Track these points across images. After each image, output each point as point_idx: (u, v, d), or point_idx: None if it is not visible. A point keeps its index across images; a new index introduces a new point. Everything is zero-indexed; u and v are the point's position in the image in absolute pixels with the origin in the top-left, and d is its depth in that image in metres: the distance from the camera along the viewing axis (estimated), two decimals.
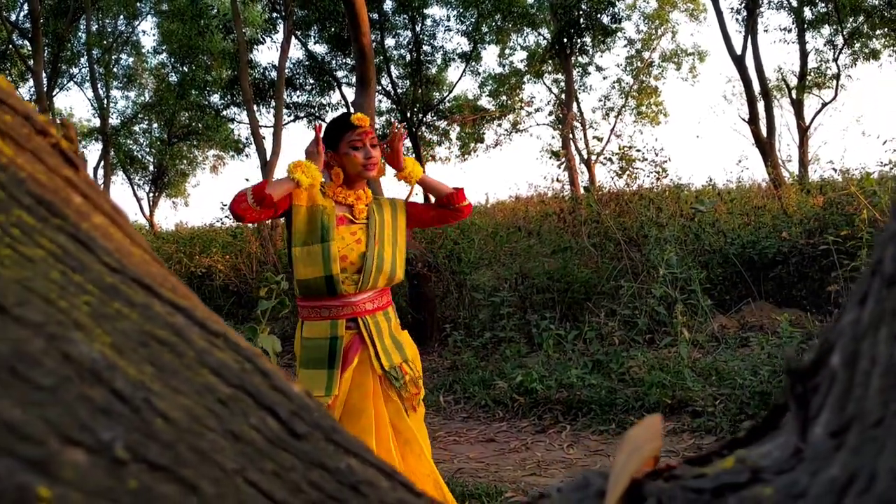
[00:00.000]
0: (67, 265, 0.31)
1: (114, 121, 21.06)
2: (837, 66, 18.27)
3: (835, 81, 18.42)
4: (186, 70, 19.70)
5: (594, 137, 15.33)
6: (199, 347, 0.31)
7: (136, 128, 22.77)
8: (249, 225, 11.79)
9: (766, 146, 14.37)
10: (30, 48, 14.52)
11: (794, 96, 18.12)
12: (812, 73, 18.84)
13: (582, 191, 10.32)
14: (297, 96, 19.42)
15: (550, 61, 21.45)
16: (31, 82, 15.99)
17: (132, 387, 0.27)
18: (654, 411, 4.60)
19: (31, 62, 13.79)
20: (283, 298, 1.78)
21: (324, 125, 2.70)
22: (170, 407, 0.28)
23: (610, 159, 7.94)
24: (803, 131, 17.50)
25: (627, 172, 7.71)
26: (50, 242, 0.31)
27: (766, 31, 21.39)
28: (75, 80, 20.87)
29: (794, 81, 19.01)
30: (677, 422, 4.45)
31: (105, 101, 17.40)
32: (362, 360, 2.52)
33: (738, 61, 14.65)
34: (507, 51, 23.30)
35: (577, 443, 4.43)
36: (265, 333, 1.75)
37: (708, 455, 0.34)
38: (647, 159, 7.87)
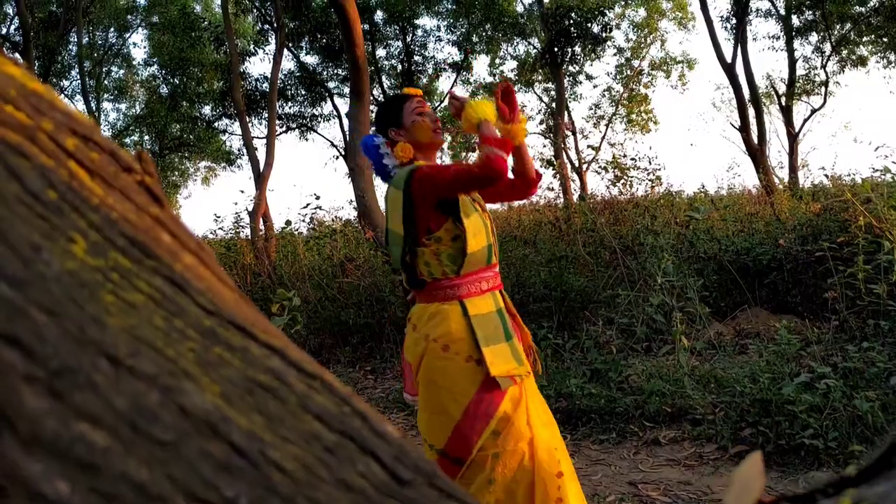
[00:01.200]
0: (167, 310, 0.30)
1: (105, 133, 20.98)
2: (825, 72, 18.41)
3: (823, 88, 18.55)
4: (178, 82, 19.68)
5: (589, 146, 15.37)
6: (300, 391, 0.30)
7: (128, 140, 22.71)
8: (243, 236, 11.75)
9: (757, 153, 14.43)
10: (20, 61, 14.45)
11: (783, 103, 18.22)
12: (801, 80, 18.97)
13: (575, 199, 10.34)
14: (290, 107, 19.45)
15: (541, 70, 21.54)
16: None
17: (247, 439, 0.26)
18: (654, 420, 4.59)
19: None
20: (295, 315, 1.76)
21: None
22: (283, 458, 0.27)
23: (605, 168, 7.96)
24: (793, 138, 17.60)
25: (622, 181, 7.73)
26: (147, 286, 0.30)
27: (754, 39, 21.55)
28: (66, 92, 20.82)
29: (782, 88, 19.13)
30: (677, 430, 4.45)
31: (96, 114, 17.35)
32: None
33: (729, 69, 14.73)
34: (497, 60, 23.40)
35: (578, 452, 4.41)
36: None
37: (811, 493, 0.34)
38: (639, 168, 7.90)
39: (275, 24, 14.61)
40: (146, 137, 22.95)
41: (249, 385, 0.28)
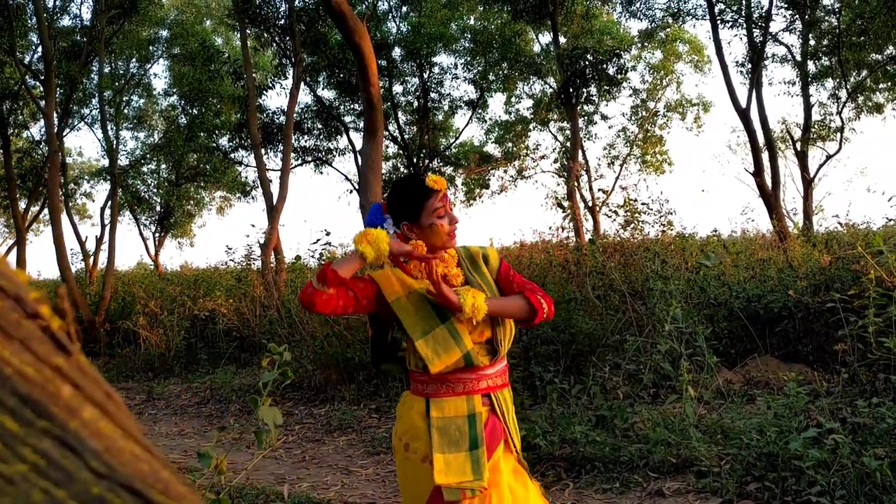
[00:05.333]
0: (51, 479, 0.28)
1: (123, 161, 21.24)
2: (841, 119, 18.39)
3: (839, 134, 18.52)
4: (196, 112, 19.92)
5: (600, 190, 15.46)
6: None
7: (145, 168, 22.95)
8: (254, 267, 11.79)
9: (770, 198, 14.39)
10: (42, 89, 14.71)
11: (798, 148, 18.20)
12: (816, 126, 18.95)
13: (586, 239, 10.33)
14: (305, 140, 19.62)
15: (556, 110, 21.66)
16: (42, 122, 16.18)
17: None
18: (659, 470, 4.53)
19: (42, 103, 13.96)
20: (285, 370, 1.74)
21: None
22: None
23: (615, 212, 7.94)
24: (807, 183, 17.54)
25: (633, 225, 7.70)
26: (33, 452, 0.28)
27: (770, 83, 21.60)
28: (86, 120, 21.10)
29: (798, 133, 19.13)
30: (682, 482, 4.38)
31: (115, 142, 17.56)
32: (505, 442, 2.30)
33: (743, 114, 14.75)
34: (513, 99, 23.57)
35: (581, 501, 4.35)
36: (266, 405, 1.71)
37: None
38: (650, 211, 7.87)
39: (293, 59, 14.80)
40: (163, 166, 23.20)
41: None
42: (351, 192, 20.34)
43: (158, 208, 23.58)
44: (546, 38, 21.16)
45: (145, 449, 0.36)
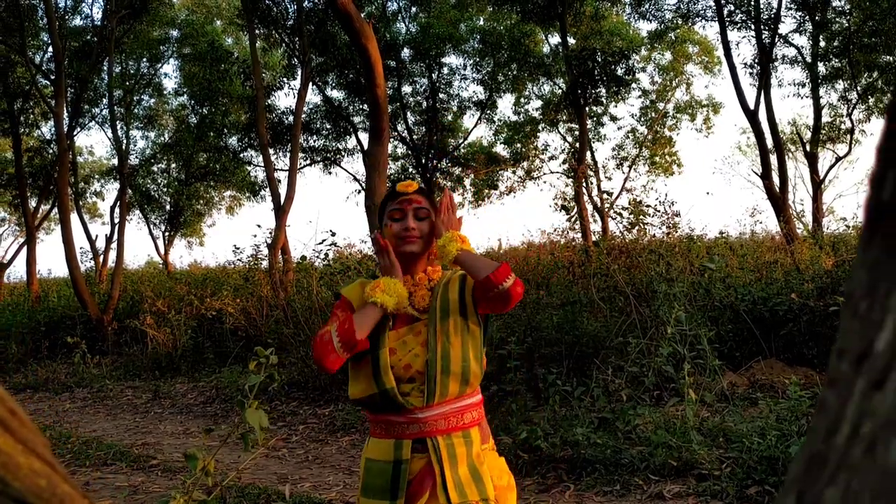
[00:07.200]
0: None
1: (133, 160, 21.34)
2: (851, 120, 18.28)
3: (849, 136, 18.41)
4: (206, 112, 19.99)
5: (604, 191, 15.47)
6: None
7: (155, 167, 23.05)
8: (261, 267, 11.83)
9: (778, 200, 14.33)
10: (52, 89, 14.81)
11: (808, 150, 18.10)
12: (826, 128, 18.84)
13: (592, 241, 10.31)
14: (314, 141, 19.68)
15: (565, 110, 21.61)
16: (52, 122, 16.29)
17: None
18: (660, 473, 4.53)
19: (53, 103, 14.06)
20: (272, 372, 1.75)
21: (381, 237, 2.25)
22: None
23: (620, 213, 7.94)
24: (817, 185, 17.45)
25: (637, 227, 7.70)
26: None
27: (780, 85, 21.53)
28: (97, 120, 21.21)
29: (808, 135, 19.03)
30: (682, 485, 4.38)
31: (124, 142, 17.65)
32: (433, 495, 2.03)
33: (752, 116, 14.69)
34: (522, 99, 23.53)
35: (581, 503, 4.36)
36: (253, 408, 1.72)
37: None
38: (658, 211, 7.86)
39: (301, 59, 14.84)
40: (173, 166, 23.29)
41: None
42: (359, 192, 20.39)
43: (168, 207, 23.67)
44: (555, 39, 21.13)
45: (47, 464, 0.37)
